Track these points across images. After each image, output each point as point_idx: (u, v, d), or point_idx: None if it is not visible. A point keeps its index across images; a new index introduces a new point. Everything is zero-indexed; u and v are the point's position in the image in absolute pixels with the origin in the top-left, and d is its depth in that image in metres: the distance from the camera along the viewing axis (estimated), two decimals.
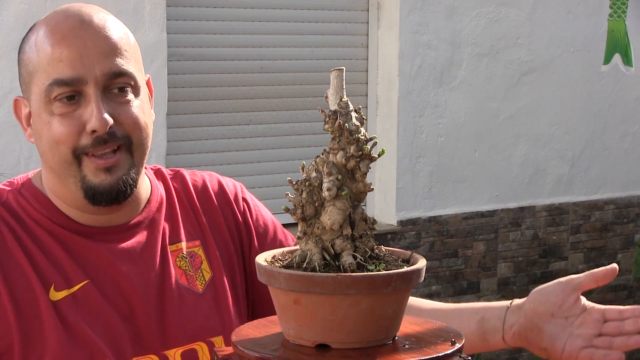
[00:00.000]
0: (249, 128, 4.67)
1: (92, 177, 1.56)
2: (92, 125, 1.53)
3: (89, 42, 1.56)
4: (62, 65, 1.54)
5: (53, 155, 1.56)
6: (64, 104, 1.55)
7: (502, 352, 5.34)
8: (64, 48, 1.55)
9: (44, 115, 1.56)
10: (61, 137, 1.54)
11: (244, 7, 4.59)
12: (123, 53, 1.59)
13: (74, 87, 1.54)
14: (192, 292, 1.66)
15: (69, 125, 1.54)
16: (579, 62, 5.35)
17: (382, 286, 1.23)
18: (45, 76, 1.55)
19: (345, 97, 1.30)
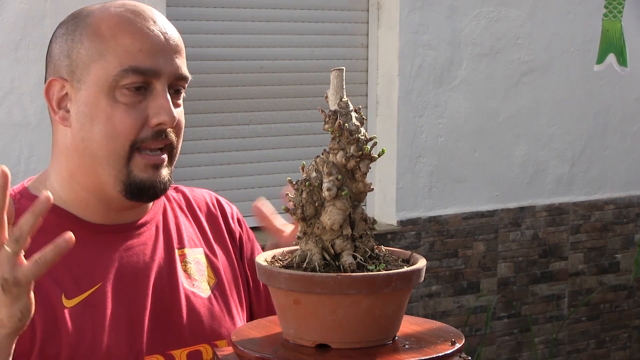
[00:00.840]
0: (249, 128, 4.67)
1: (139, 172, 1.57)
2: (162, 119, 1.55)
3: (165, 39, 1.57)
4: (141, 54, 1.54)
5: (107, 143, 1.55)
6: (132, 93, 1.55)
7: (502, 352, 5.34)
8: (145, 38, 1.55)
9: (104, 101, 1.54)
10: (125, 127, 1.54)
11: (244, 7, 4.59)
12: (184, 57, 1.62)
13: (148, 77, 1.55)
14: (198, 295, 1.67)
15: (135, 115, 1.55)
16: (579, 62, 5.35)
17: (382, 286, 1.23)
18: (118, 62, 1.54)
19: (345, 97, 1.30)
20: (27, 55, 3.88)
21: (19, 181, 1.70)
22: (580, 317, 5.60)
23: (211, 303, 1.67)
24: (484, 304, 5.20)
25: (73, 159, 1.60)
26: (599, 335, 5.68)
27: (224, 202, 1.82)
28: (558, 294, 5.48)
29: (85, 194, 1.61)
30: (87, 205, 1.61)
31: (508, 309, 5.32)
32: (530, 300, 5.39)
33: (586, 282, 5.57)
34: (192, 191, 1.80)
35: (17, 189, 1.66)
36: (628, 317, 5.77)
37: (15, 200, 1.61)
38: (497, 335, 5.32)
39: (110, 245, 1.62)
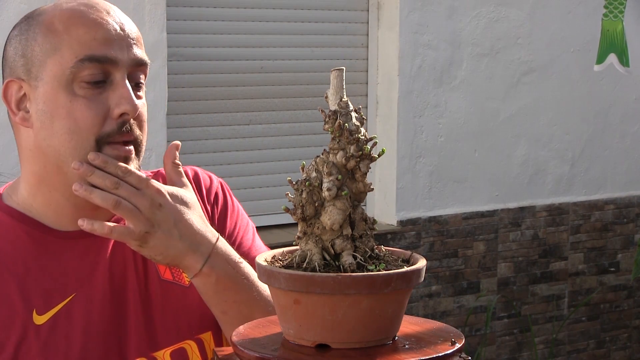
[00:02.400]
0: (249, 128, 4.67)
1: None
2: (124, 107, 1.51)
3: (122, 27, 1.55)
4: (96, 43, 1.51)
5: (70, 139, 1.51)
6: (91, 86, 1.51)
7: (502, 352, 5.34)
8: (99, 28, 1.52)
9: (63, 96, 1.51)
10: (87, 122, 1.50)
11: (244, 7, 4.59)
12: (142, 44, 1.59)
13: (106, 66, 1.51)
14: (178, 285, 1.63)
15: (96, 108, 1.51)
16: (579, 62, 5.35)
17: (382, 286, 1.23)
18: (73, 53, 1.50)
19: (345, 97, 1.30)
20: None
21: None
22: (580, 317, 5.60)
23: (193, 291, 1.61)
24: (484, 304, 5.20)
25: (38, 161, 1.56)
26: (599, 335, 5.68)
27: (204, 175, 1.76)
28: (558, 294, 5.48)
29: (55, 195, 1.57)
30: (57, 209, 1.57)
31: (508, 309, 5.32)
32: (530, 300, 5.39)
33: (586, 282, 5.58)
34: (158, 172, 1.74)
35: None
36: (628, 317, 5.77)
37: None
38: (497, 335, 5.32)
39: (81, 252, 1.58)
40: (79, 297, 1.56)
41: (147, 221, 1.48)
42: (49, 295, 1.54)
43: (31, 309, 1.53)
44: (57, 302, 1.54)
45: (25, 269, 1.55)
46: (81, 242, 1.58)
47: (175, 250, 1.50)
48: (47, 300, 1.54)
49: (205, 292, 1.55)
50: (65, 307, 1.55)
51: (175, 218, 1.51)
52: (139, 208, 1.48)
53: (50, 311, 1.54)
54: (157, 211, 1.49)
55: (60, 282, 1.55)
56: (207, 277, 1.53)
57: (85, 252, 1.58)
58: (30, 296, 1.53)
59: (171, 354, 1.60)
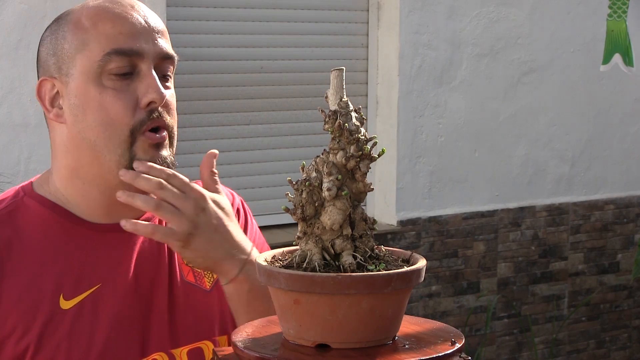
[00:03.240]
0: (249, 128, 4.67)
1: (142, 153, 1.56)
2: (151, 96, 1.55)
3: (147, 21, 1.59)
4: (122, 37, 1.55)
5: (104, 131, 1.55)
6: (119, 78, 1.55)
7: (502, 352, 5.34)
8: (124, 22, 1.57)
9: (92, 89, 1.55)
10: (118, 113, 1.54)
11: (244, 7, 4.59)
12: (168, 38, 1.64)
13: (132, 59, 1.56)
14: (200, 289, 1.66)
15: (124, 99, 1.55)
16: (579, 62, 5.35)
17: (382, 286, 1.23)
18: (100, 47, 1.55)
19: (345, 97, 1.30)
20: (27, 56, 3.88)
21: (18, 181, 1.70)
22: (580, 317, 5.60)
23: (213, 296, 1.66)
24: (484, 304, 5.20)
25: (72, 154, 1.60)
26: (599, 335, 5.68)
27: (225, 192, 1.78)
28: (558, 294, 5.48)
29: (88, 188, 1.60)
30: (89, 202, 1.61)
31: (508, 309, 5.32)
32: (530, 300, 5.39)
33: (586, 282, 5.58)
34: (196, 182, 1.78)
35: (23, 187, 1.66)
36: (628, 317, 5.77)
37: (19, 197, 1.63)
38: (497, 335, 5.32)
39: (111, 245, 1.61)
40: (104, 287, 1.59)
41: (191, 223, 1.52)
42: (76, 283, 1.58)
43: (58, 294, 1.56)
44: (83, 289, 1.58)
45: (54, 256, 1.58)
46: (110, 235, 1.61)
47: (216, 254, 1.55)
48: (74, 287, 1.57)
49: (237, 299, 1.59)
50: (91, 295, 1.58)
51: (216, 223, 1.55)
52: (183, 211, 1.52)
53: (76, 297, 1.57)
54: (200, 214, 1.53)
55: (88, 271, 1.59)
56: (241, 284, 1.57)
57: (114, 246, 1.61)
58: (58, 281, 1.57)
59: (188, 353, 1.63)
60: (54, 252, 1.58)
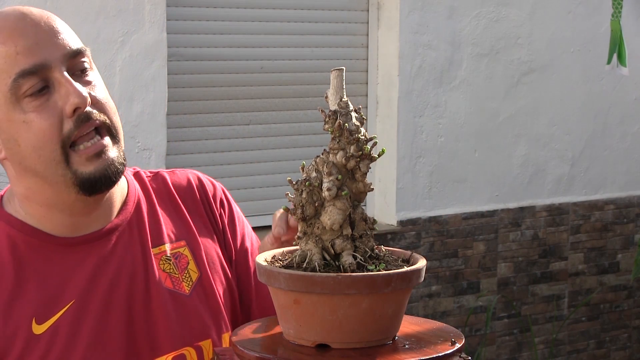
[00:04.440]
0: (249, 128, 4.67)
1: (84, 168, 1.50)
2: (73, 102, 1.47)
3: (38, 29, 1.49)
4: (20, 57, 1.47)
5: (38, 156, 1.49)
6: (35, 97, 1.48)
7: (502, 352, 5.34)
8: (16, 40, 1.48)
9: (16, 117, 1.48)
10: (45, 133, 1.47)
11: (244, 7, 4.59)
12: (71, 33, 1.54)
13: (41, 74, 1.48)
14: (178, 294, 1.62)
15: (49, 116, 1.48)
16: (579, 62, 5.35)
17: (382, 286, 1.23)
18: (6, 75, 1.47)
19: (345, 97, 1.30)
20: None
21: None
22: (580, 317, 5.60)
23: (193, 301, 1.62)
24: (484, 304, 5.20)
25: (23, 183, 1.55)
26: (599, 335, 5.68)
27: (207, 181, 1.74)
28: (558, 294, 5.48)
29: (47, 210, 1.56)
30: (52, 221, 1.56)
31: (508, 309, 5.32)
32: (530, 300, 5.39)
33: (586, 282, 5.57)
34: (173, 175, 1.72)
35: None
36: (628, 317, 5.77)
37: None
38: (497, 335, 5.32)
39: (80, 258, 1.56)
40: (79, 303, 1.55)
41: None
42: (48, 304, 1.53)
43: (31, 319, 1.52)
44: (56, 310, 1.53)
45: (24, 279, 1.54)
46: (80, 248, 1.57)
47: None
48: (46, 309, 1.53)
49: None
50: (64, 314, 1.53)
51: None
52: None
53: (49, 320, 1.53)
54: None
55: (60, 289, 1.54)
56: None
57: (84, 259, 1.57)
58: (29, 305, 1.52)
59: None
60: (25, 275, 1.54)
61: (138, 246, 1.62)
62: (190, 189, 1.71)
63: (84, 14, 4.02)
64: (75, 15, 3.99)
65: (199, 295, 1.63)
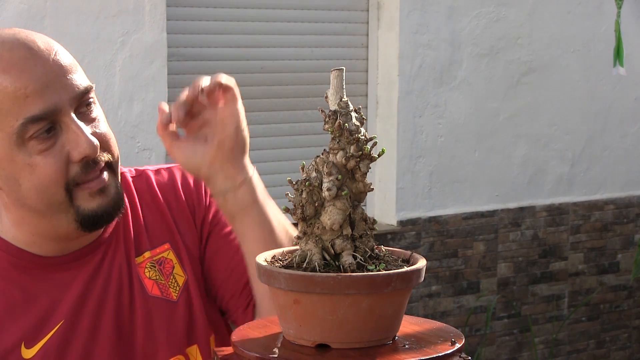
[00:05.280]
0: (249, 128, 4.67)
1: (87, 204, 1.48)
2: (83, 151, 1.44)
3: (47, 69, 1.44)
4: (30, 100, 1.41)
5: (41, 198, 1.46)
6: (43, 140, 1.43)
7: (502, 352, 5.34)
8: (26, 82, 1.41)
9: (19, 158, 1.44)
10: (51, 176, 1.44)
11: (244, 7, 4.59)
12: (77, 69, 1.50)
13: (50, 118, 1.43)
14: (166, 301, 1.60)
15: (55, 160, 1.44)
16: (579, 62, 5.35)
17: (382, 286, 1.23)
18: (13, 117, 1.41)
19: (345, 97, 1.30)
20: None
21: None
22: (580, 317, 5.60)
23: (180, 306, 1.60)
24: (484, 304, 5.20)
25: (16, 212, 1.52)
26: (599, 335, 5.68)
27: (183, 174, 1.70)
28: (558, 294, 5.48)
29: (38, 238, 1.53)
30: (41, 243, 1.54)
31: (508, 309, 5.32)
32: (530, 300, 5.39)
33: (586, 282, 5.58)
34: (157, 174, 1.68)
35: None
36: (628, 317, 5.78)
37: None
38: (497, 335, 5.32)
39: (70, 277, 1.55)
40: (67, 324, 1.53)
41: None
42: (36, 327, 1.51)
43: (20, 344, 1.50)
44: (45, 332, 1.52)
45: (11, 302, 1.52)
46: (69, 266, 1.55)
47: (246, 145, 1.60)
48: (35, 332, 1.51)
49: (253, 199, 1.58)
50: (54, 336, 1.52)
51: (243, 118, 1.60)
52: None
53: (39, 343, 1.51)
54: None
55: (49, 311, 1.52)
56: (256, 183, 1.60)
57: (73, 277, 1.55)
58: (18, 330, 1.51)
59: None
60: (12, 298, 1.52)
61: (123, 256, 1.60)
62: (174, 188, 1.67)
63: (83, 14, 4.02)
64: (75, 15, 3.99)
65: (186, 300, 1.61)
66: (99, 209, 1.50)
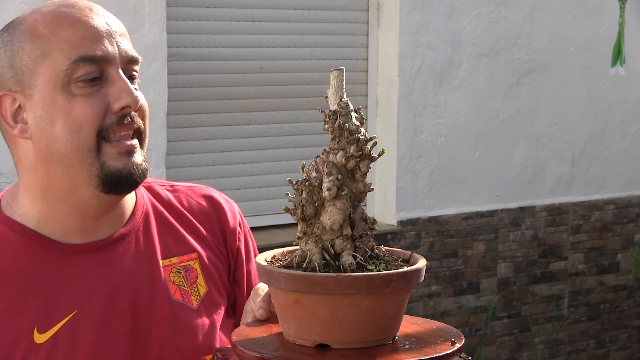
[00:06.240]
0: (249, 128, 4.67)
1: (113, 162, 1.49)
2: (125, 101, 1.49)
3: (109, 23, 1.52)
4: (87, 42, 1.48)
5: (72, 139, 1.48)
6: (87, 85, 1.48)
7: (502, 352, 5.34)
8: (86, 26, 1.49)
9: (60, 98, 1.47)
10: (87, 118, 1.47)
11: (244, 7, 4.59)
12: (130, 40, 1.57)
13: (100, 65, 1.49)
14: (187, 308, 1.60)
15: (95, 104, 1.48)
16: (579, 62, 5.35)
17: (382, 286, 1.23)
18: (65, 55, 1.47)
19: (345, 97, 1.30)
20: None
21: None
22: (580, 317, 5.60)
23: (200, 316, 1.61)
24: (484, 304, 5.20)
25: (40, 171, 1.52)
26: (599, 335, 5.68)
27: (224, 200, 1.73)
28: (558, 294, 5.48)
29: (60, 205, 1.53)
30: (62, 220, 1.54)
31: (508, 309, 5.32)
32: (530, 300, 5.39)
33: (586, 282, 5.57)
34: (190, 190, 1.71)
35: None
36: (628, 317, 5.77)
37: None
38: (497, 335, 5.32)
39: (86, 267, 1.54)
40: (81, 313, 1.53)
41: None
42: (50, 313, 1.51)
43: (33, 327, 1.50)
44: (58, 319, 1.51)
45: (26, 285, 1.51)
46: (85, 256, 1.55)
47: None
48: (48, 318, 1.51)
49: None
50: (66, 325, 1.51)
51: None
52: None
53: (51, 330, 1.51)
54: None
55: (62, 298, 1.52)
56: None
57: (89, 268, 1.55)
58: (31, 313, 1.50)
59: None
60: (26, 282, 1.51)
61: (145, 257, 1.60)
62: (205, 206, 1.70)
63: None
64: None
65: (205, 309, 1.62)
66: (123, 169, 1.50)
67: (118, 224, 1.59)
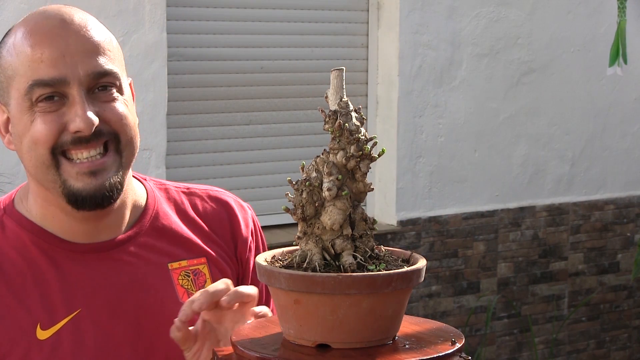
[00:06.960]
0: (249, 128, 4.67)
1: (73, 181, 1.49)
2: (76, 126, 1.47)
3: (71, 41, 1.49)
4: (43, 65, 1.47)
5: (30, 157, 1.50)
6: (47, 104, 1.48)
7: (502, 352, 5.34)
8: (44, 48, 1.48)
9: (25, 117, 1.49)
10: (41, 135, 1.48)
11: (244, 7, 4.59)
12: (106, 52, 1.52)
13: (56, 88, 1.48)
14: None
15: (50, 122, 1.48)
16: (579, 62, 5.35)
17: (382, 286, 1.23)
18: (25, 79, 1.48)
19: (345, 97, 1.30)
20: None
21: (18, 182, 1.68)
22: (580, 317, 5.60)
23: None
24: (484, 304, 5.20)
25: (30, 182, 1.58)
26: (599, 335, 5.68)
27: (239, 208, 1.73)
28: (558, 294, 5.48)
29: (54, 209, 1.55)
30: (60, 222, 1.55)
31: (508, 309, 5.32)
32: (530, 300, 5.39)
33: (586, 282, 5.58)
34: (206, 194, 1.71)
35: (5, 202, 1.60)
36: (628, 317, 5.77)
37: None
38: (497, 335, 5.32)
39: (91, 266, 1.54)
40: (85, 312, 1.53)
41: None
42: (53, 310, 1.51)
43: (35, 323, 1.50)
44: (61, 317, 1.51)
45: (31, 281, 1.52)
46: (90, 256, 1.55)
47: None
48: (52, 314, 1.51)
49: None
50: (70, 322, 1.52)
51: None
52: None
53: (54, 327, 1.51)
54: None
55: (66, 296, 1.52)
56: None
57: (94, 267, 1.55)
58: (34, 309, 1.51)
59: None
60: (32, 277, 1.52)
61: (153, 259, 1.60)
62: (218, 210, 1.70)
63: None
64: None
65: None
66: (83, 190, 1.50)
67: (120, 226, 1.59)
